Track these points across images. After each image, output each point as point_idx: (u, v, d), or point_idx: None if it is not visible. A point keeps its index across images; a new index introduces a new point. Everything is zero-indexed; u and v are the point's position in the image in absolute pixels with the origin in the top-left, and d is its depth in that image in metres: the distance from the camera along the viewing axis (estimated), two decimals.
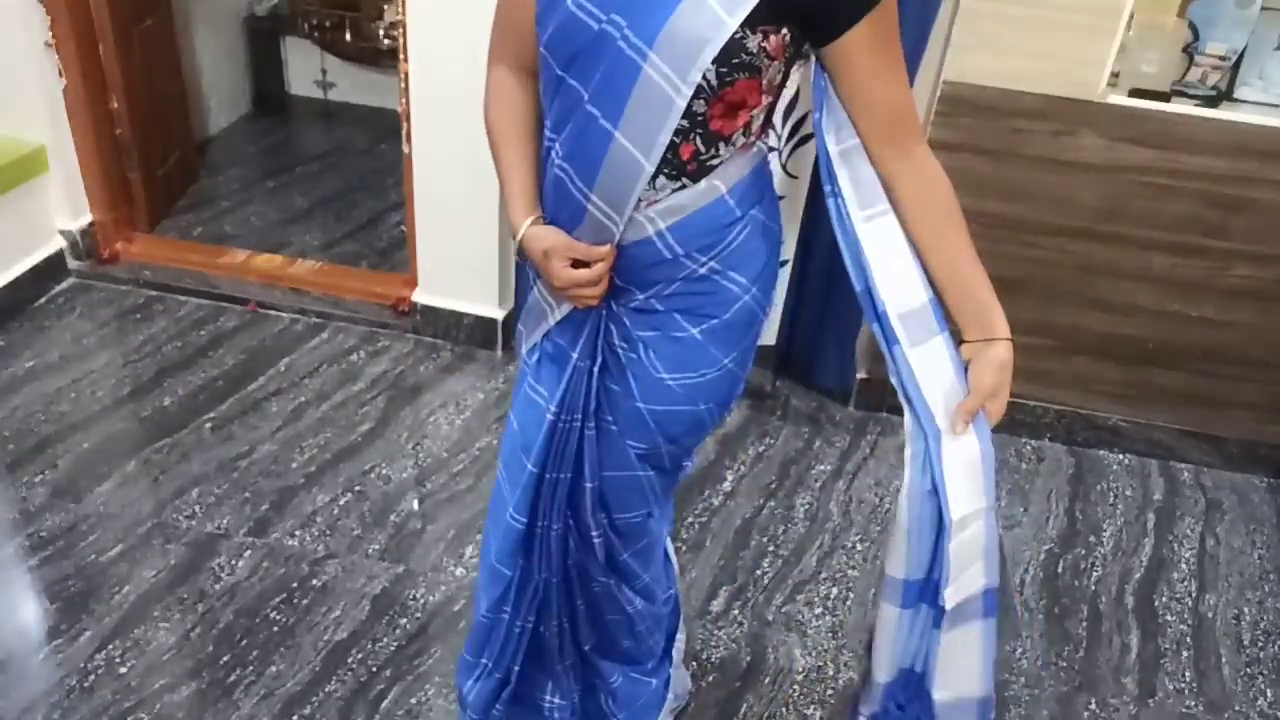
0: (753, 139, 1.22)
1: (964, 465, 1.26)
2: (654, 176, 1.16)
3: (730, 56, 1.07)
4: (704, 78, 1.08)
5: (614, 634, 1.60)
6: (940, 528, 1.26)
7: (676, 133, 1.12)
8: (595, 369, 1.33)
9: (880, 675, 1.40)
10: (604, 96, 1.11)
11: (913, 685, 1.41)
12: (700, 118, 1.12)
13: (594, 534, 1.43)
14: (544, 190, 1.27)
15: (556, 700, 1.67)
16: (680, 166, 1.16)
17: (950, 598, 1.26)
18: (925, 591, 1.32)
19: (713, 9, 1.04)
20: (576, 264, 1.23)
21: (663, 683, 1.74)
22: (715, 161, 1.18)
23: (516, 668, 1.56)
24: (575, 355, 1.34)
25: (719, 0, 1.03)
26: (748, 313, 1.29)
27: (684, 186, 1.18)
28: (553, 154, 1.21)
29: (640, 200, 1.17)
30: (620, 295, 1.28)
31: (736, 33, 1.05)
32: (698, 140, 1.15)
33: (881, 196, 1.20)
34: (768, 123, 1.25)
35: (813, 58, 1.17)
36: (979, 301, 1.26)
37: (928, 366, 1.27)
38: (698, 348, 1.28)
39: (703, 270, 1.24)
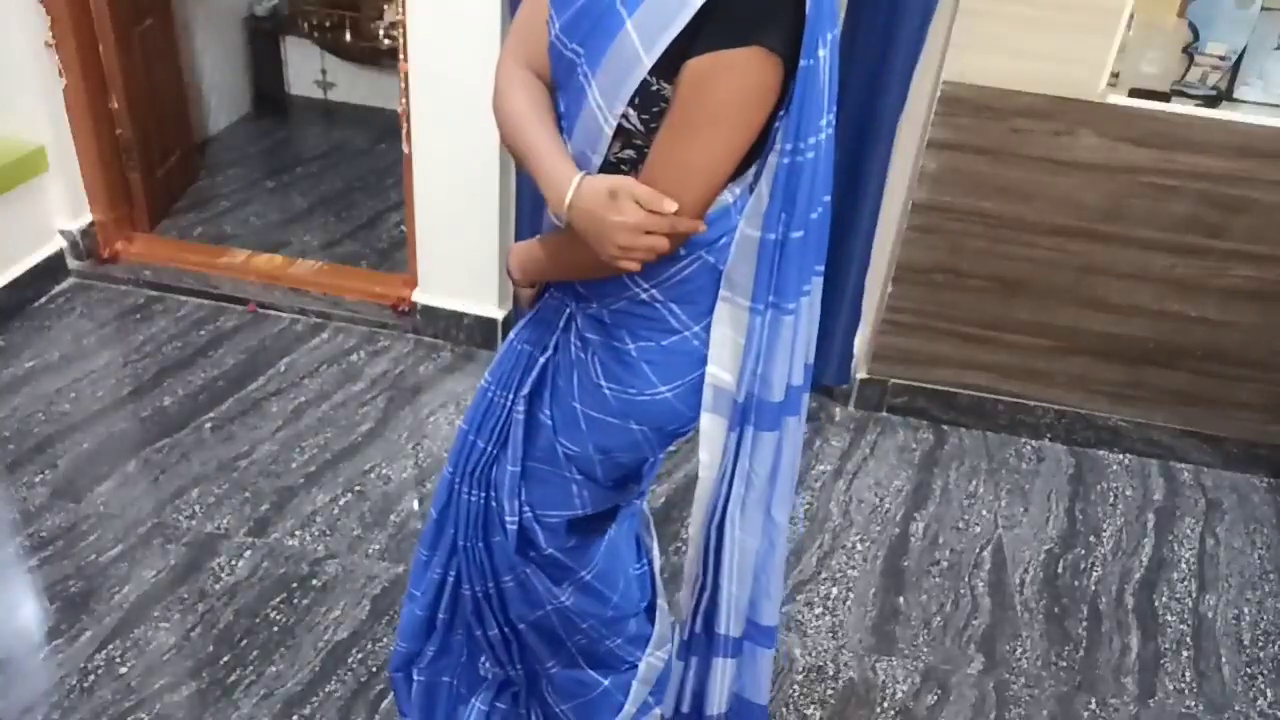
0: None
1: (696, 508, 1.42)
2: None
3: (649, 105, 1.10)
4: (631, 121, 1.12)
5: (550, 625, 1.59)
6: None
7: (627, 162, 1.17)
8: (544, 359, 1.39)
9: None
10: (570, 116, 1.18)
11: None
12: (644, 152, 1.15)
13: (509, 519, 1.46)
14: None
15: (489, 666, 1.70)
16: None
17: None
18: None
19: (634, 45, 1.06)
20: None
21: (618, 688, 1.69)
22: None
23: (443, 615, 1.63)
24: (527, 342, 1.42)
25: (640, 39, 1.06)
26: (688, 349, 1.30)
27: None
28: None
29: None
30: (582, 300, 1.33)
31: (650, 81, 1.07)
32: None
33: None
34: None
35: None
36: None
37: (708, 431, 1.36)
38: (634, 364, 1.31)
39: (644, 296, 1.27)
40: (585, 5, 1.11)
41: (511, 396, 1.42)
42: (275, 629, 2.04)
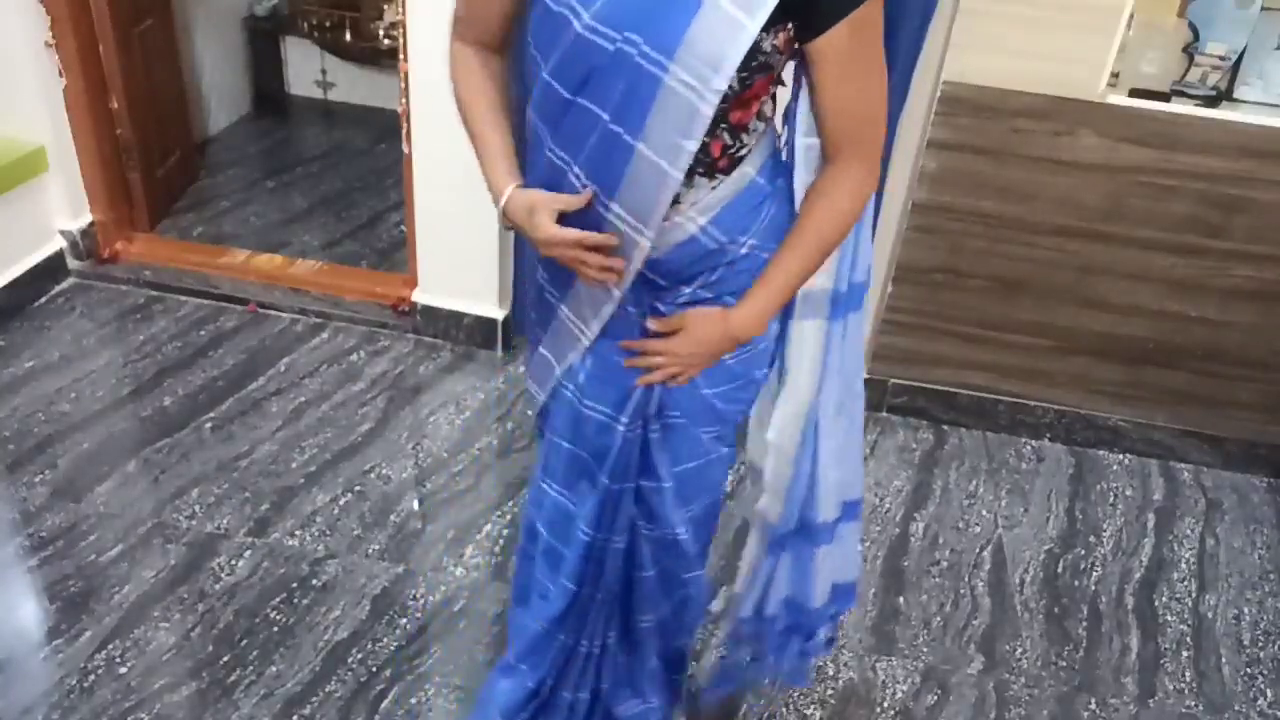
0: (768, 119, 1.26)
1: (791, 415, 1.46)
2: (689, 177, 1.18)
3: (750, 60, 1.09)
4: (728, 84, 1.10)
5: (684, 629, 1.63)
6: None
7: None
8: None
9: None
10: (625, 113, 1.12)
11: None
12: (722, 116, 1.15)
13: (680, 530, 1.46)
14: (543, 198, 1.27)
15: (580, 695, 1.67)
16: (713, 164, 1.20)
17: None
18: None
19: (731, 15, 1.04)
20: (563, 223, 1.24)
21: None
22: (743, 151, 1.22)
23: (551, 680, 1.59)
24: (609, 381, 1.36)
25: (737, 6, 1.04)
26: None
27: (720, 181, 1.22)
28: (569, 175, 1.21)
29: (679, 203, 1.20)
30: (666, 294, 1.31)
31: (760, 39, 1.07)
32: (725, 136, 1.18)
33: None
34: (774, 100, 1.28)
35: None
36: (759, 289, 1.30)
37: (803, 338, 1.42)
38: None
39: (744, 250, 1.27)
40: None
41: (642, 423, 1.39)
42: (275, 629, 2.04)
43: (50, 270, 3.06)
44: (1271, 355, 2.64)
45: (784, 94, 1.29)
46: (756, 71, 1.12)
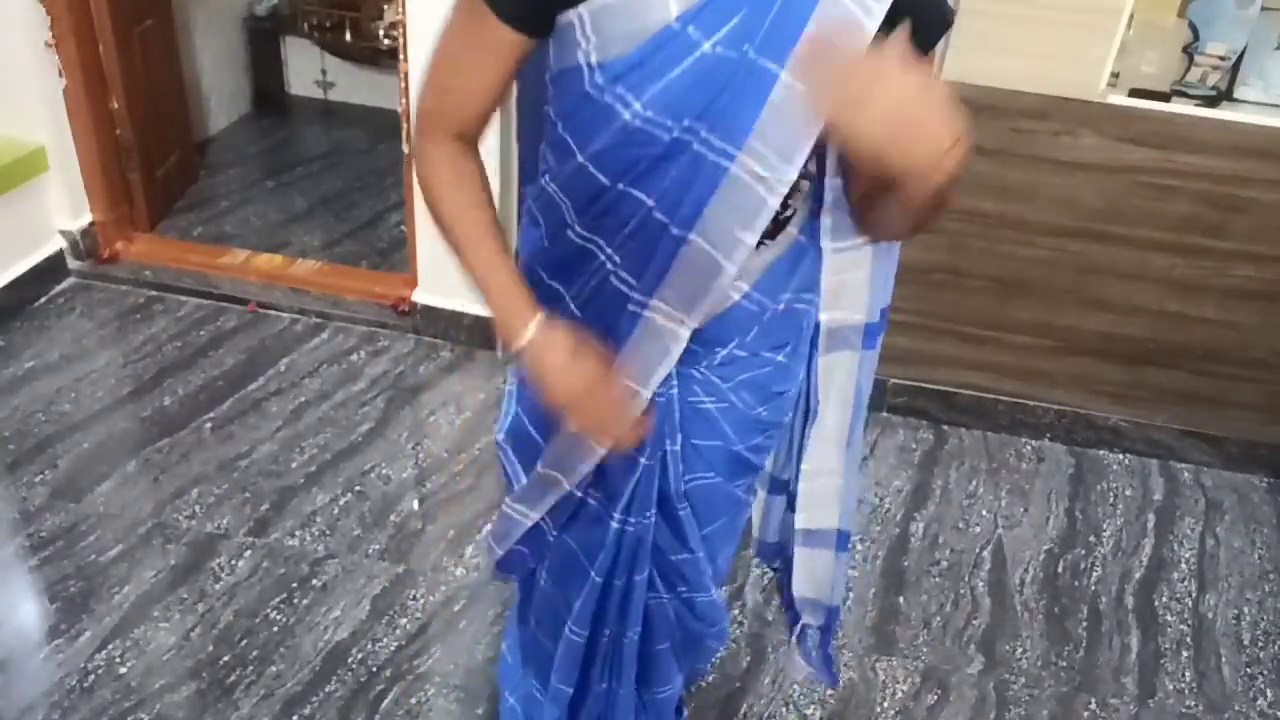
0: (811, 174, 1.17)
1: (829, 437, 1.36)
2: None
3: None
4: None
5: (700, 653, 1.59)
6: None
7: (788, 209, 1.11)
8: (670, 449, 1.27)
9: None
10: (678, 203, 1.03)
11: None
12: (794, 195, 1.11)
13: (715, 594, 1.42)
14: (553, 291, 1.19)
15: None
16: (763, 234, 1.11)
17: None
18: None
19: (801, 94, 0.95)
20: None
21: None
22: (789, 214, 1.17)
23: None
24: (642, 458, 1.24)
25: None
26: (811, 318, 1.29)
27: (765, 245, 1.16)
28: (599, 262, 1.12)
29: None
30: (700, 359, 1.23)
31: None
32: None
33: (853, 231, 1.17)
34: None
35: None
36: None
37: (830, 373, 1.32)
38: (782, 369, 1.29)
39: (782, 307, 1.23)
40: (696, 75, 0.97)
41: (650, 512, 1.29)
42: (275, 629, 2.04)
43: (50, 270, 3.06)
44: (1271, 355, 2.64)
45: None
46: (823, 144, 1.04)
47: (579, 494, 1.31)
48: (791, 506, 1.48)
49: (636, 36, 0.97)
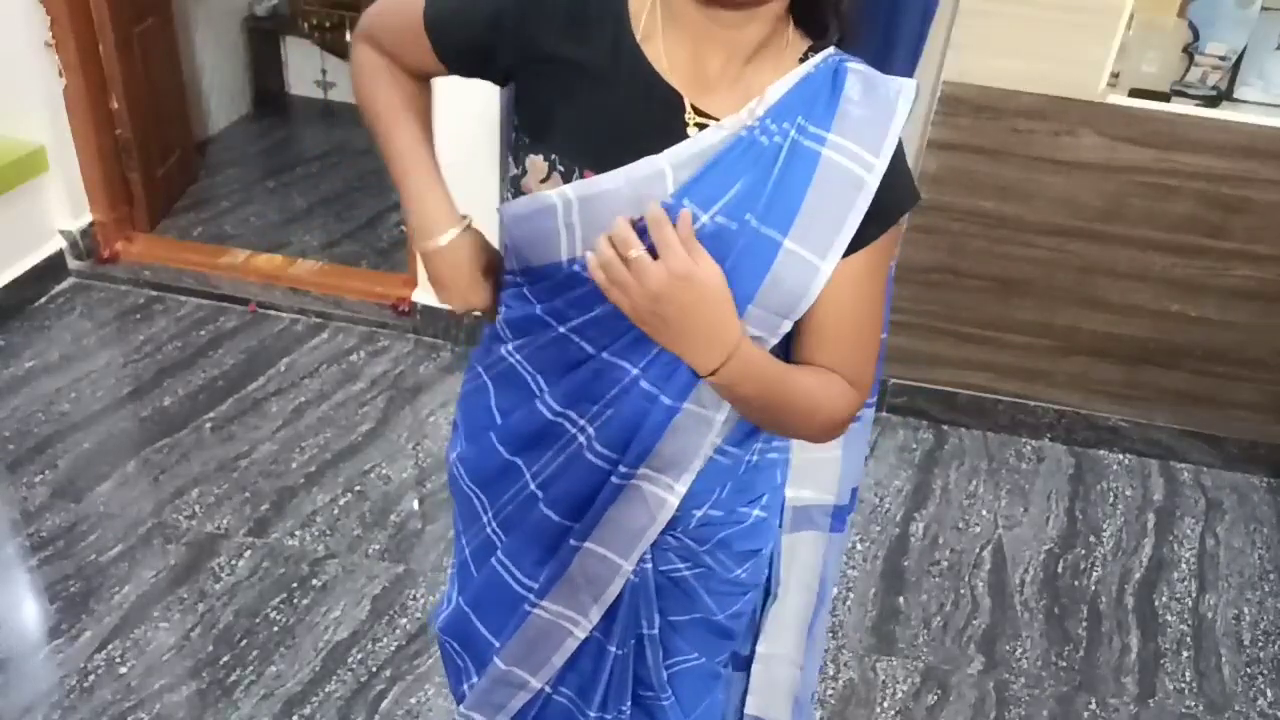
0: None
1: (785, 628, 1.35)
2: None
3: None
4: None
5: None
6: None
7: None
8: (651, 630, 1.17)
9: None
10: (670, 374, 0.99)
11: None
12: None
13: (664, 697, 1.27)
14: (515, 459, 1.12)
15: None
16: None
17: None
18: None
19: (803, 258, 0.92)
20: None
21: None
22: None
23: None
24: (613, 645, 1.15)
25: (809, 250, 0.92)
26: (779, 470, 1.22)
27: None
28: (566, 427, 1.06)
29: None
30: (677, 524, 1.11)
31: None
32: None
33: None
34: None
35: None
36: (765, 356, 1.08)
37: (794, 552, 1.32)
38: (759, 523, 1.18)
39: (754, 457, 1.13)
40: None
41: (620, 707, 1.18)
42: (275, 629, 2.04)
43: (50, 270, 3.06)
44: (1271, 355, 2.64)
45: None
46: None
47: (547, 689, 1.18)
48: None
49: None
